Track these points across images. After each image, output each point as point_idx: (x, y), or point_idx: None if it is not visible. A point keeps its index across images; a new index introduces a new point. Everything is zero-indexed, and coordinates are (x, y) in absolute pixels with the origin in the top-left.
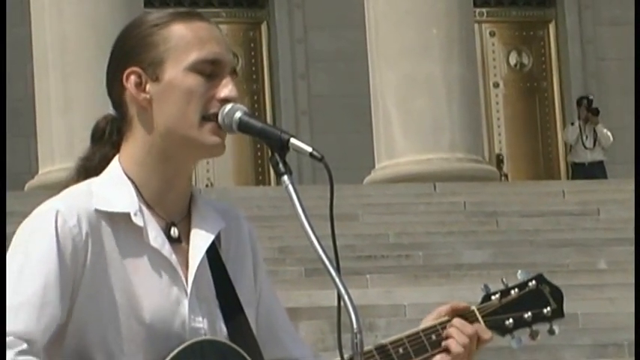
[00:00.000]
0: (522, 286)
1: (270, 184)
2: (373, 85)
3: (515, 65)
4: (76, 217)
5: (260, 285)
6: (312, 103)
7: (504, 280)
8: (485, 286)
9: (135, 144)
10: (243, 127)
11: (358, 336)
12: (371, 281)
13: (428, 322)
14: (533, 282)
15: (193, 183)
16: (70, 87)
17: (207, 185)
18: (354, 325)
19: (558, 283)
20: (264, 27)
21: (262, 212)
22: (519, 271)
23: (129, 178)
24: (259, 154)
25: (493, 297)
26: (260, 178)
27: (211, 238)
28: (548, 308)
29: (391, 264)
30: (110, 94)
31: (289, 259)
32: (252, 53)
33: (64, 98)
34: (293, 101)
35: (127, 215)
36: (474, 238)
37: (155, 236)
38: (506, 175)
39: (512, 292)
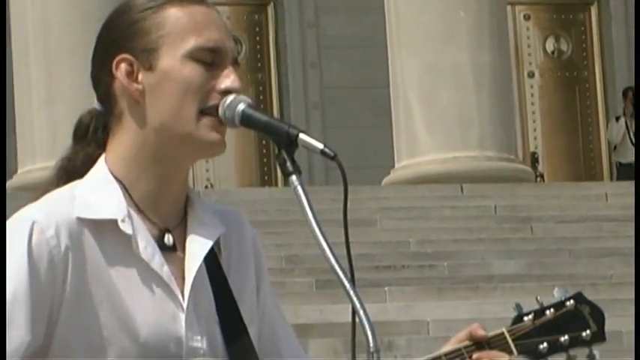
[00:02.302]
0: (559, 306)
1: (276, 185)
2: (393, 74)
3: (553, 52)
4: (55, 227)
5: (264, 298)
6: (324, 94)
7: (539, 298)
8: (517, 305)
9: (124, 141)
10: (246, 121)
11: (375, 356)
12: (390, 294)
13: (451, 345)
14: (572, 302)
15: (190, 184)
16: (54, 76)
17: (206, 186)
18: (371, 344)
19: (601, 296)
20: (270, 9)
21: (268, 217)
22: (556, 289)
23: (117, 179)
24: (265, 151)
25: (526, 318)
26: (266, 178)
27: (209, 244)
28: (588, 331)
29: (413, 275)
30: (96, 85)
31: (298, 270)
32: (258, 39)
33: (46, 89)
34: (303, 93)
35: (115, 222)
36: (505, 247)
37: (145, 246)
38: (541, 176)
39: (548, 312)
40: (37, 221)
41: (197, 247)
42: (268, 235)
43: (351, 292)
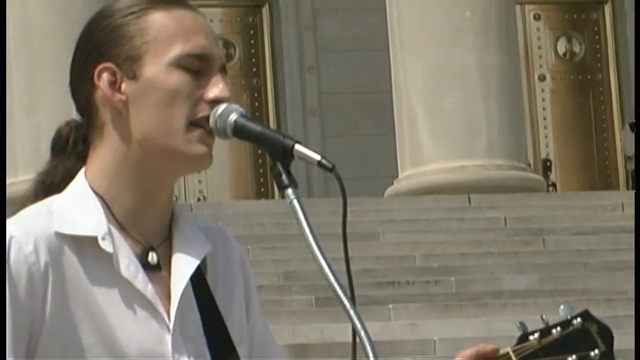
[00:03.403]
0: (565, 324)
1: (273, 197)
2: (395, 79)
3: (565, 54)
4: (33, 243)
5: (253, 318)
6: (322, 101)
7: (544, 317)
8: (522, 324)
9: (105, 154)
10: (239, 131)
11: None
12: (394, 312)
13: None
14: (578, 320)
15: (182, 197)
16: (36, 83)
17: (198, 199)
18: None
19: (617, 312)
20: (265, 10)
21: (264, 231)
22: (562, 307)
23: (97, 194)
24: (260, 161)
25: (531, 337)
26: (262, 190)
27: (196, 263)
28: (596, 351)
29: (418, 291)
30: (75, 95)
31: (296, 287)
32: (252, 42)
33: (28, 96)
34: (300, 99)
35: (95, 239)
36: (516, 261)
37: (127, 264)
38: (554, 185)
39: (554, 331)
40: (14, 237)
41: (183, 266)
42: (265, 250)
43: (351, 312)
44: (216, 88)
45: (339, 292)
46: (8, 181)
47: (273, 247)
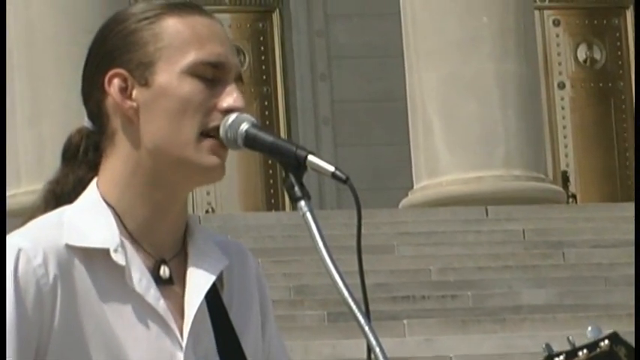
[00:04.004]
0: (593, 346)
1: (284, 208)
2: (410, 87)
3: (585, 61)
4: (42, 255)
5: (269, 335)
6: (335, 109)
7: (571, 338)
8: (547, 346)
9: (117, 163)
10: (250, 141)
11: None
12: (409, 328)
13: None
14: (606, 342)
15: (190, 209)
16: (39, 91)
17: (207, 211)
18: None
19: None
20: (275, 16)
21: (275, 244)
22: (589, 328)
23: (109, 205)
24: (271, 172)
25: (557, 358)
26: (272, 201)
27: (212, 278)
28: None
29: (434, 306)
30: (87, 102)
31: (309, 302)
32: (262, 49)
33: (31, 104)
34: (312, 107)
35: (106, 252)
36: (535, 275)
37: (139, 278)
38: (574, 197)
39: (580, 353)
40: (23, 249)
41: (199, 281)
42: (275, 263)
43: (366, 327)
44: (230, 98)
45: (353, 307)
46: (11, 192)
47: (284, 261)
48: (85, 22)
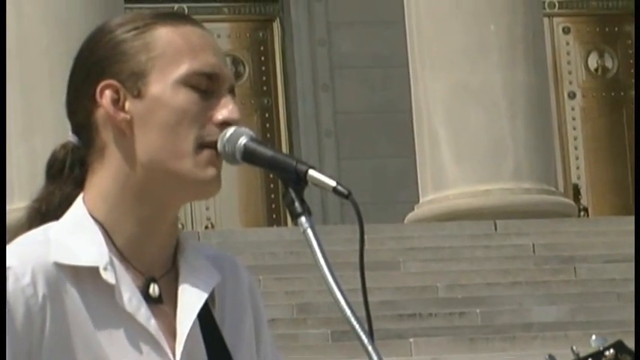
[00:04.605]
0: (597, 356)
1: (286, 224)
2: (416, 97)
3: (596, 70)
4: (31, 274)
5: (264, 351)
6: (338, 121)
7: (574, 348)
8: (551, 357)
9: (106, 178)
10: (249, 156)
11: None
12: (416, 346)
13: None
14: (611, 351)
15: (189, 225)
16: (32, 103)
17: (206, 227)
18: None
19: None
20: (276, 25)
21: (277, 260)
22: (593, 337)
23: (96, 221)
24: (272, 186)
25: None
26: (274, 217)
27: (204, 296)
28: None
29: (441, 324)
30: (72, 114)
31: (311, 320)
32: (262, 59)
33: (23, 117)
34: (314, 119)
35: (95, 270)
36: (545, 291)
37: (129, 297)
38: (585, 210)
39: None
40: (11, 267)
41: (191, 299)
42: (277, 281)
43: (369, 347)
44: (225, 110)
45: (356, 325)
46: None
47: (286, 278)
48: (79, 34)
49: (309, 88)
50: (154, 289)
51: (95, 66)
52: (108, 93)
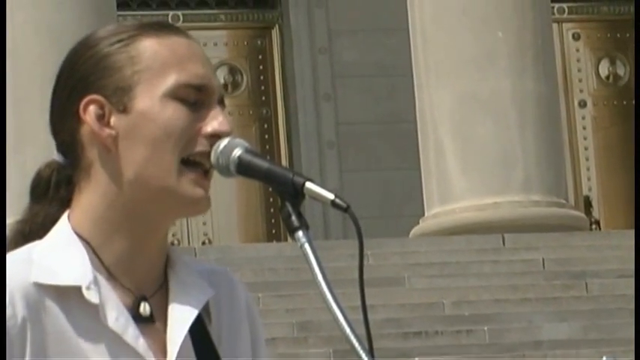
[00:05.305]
0: None
1: (286, 239)
2: (421, 107)
3: (608, 77)
4: (9, 295)
5: None
6: (340, 132)
7: None
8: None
9: (92, 196)
10: (243, 168)
11: None
12: None
13: None
14: None
15: (185, 241)
16: (23, 116)
17: (203, 242)
18: None
19: None
20: (275, 33)
21: (277, 277)
22: (604, 358)
23: (82, 239)
24: (271, 200)
25: None
26: (273, 232)
27: (195, 313)
28: None
29: (448, 342)
30: (57, 132)
31: (313, 339)
32: (261, 68)
33: (14, 130)
34: (315, 131)
35: (78, 289)
36: (556, 307)
37: (116, 317)
38: (597, 223)
39: None
40: None
41: (181, 316)
42: (277, 298)
43: None
44: (215, 122)
45: (356, 344)
46: None
47: (286, 295)
48: (72, 44)
49: (309, 98)
50: (144, 308)
51: (79, 82)
52: (92, 108)
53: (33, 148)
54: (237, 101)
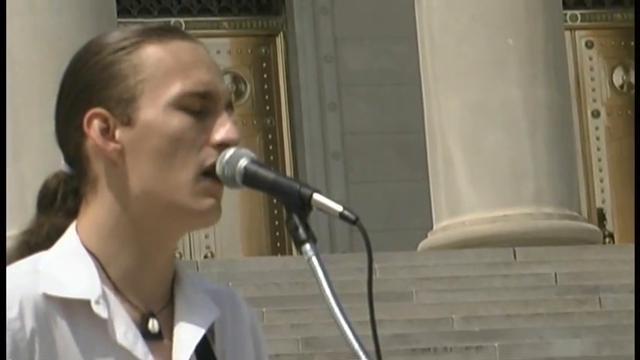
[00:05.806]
0: None
1: (291, 253)
2: (429, 116)
3: (622, 86)
4: (18, 306)
5: None
6: (346, 142)
7: None
8: None
9: (100, 210)
10: (249, 179)
11: None
12: None
13: None
14: None
15: (187, 254)
16: (21, 125)
17: (206, 256)
18: None
19: None
20: (279, 40)
21: (282, 291)
22: None
23: (90, 252)
24: (276, 212)
25: None
26: (278, 245)
27: (201, 332)
28: None
29: (457, 359)
30: (63, 144)
31: (319, 355)
32: (265, 76)
33: (12, 139)
34: (321, 140)
35: (87, 303)
36: (569, 323)
37: (125, 332)
38: (611, 236)
39: None
40: None
41: (187, 335)
42: (282, 313)
43: None
44: (222, 129)
45: (364, 359)
46: None
47: (291, 310)
48: (71, 51)
49: (315, 107)
50: (153, 325)
51: (82, 92)
52: (96, 123)
53: (29, 158)
54: (240, 111)
